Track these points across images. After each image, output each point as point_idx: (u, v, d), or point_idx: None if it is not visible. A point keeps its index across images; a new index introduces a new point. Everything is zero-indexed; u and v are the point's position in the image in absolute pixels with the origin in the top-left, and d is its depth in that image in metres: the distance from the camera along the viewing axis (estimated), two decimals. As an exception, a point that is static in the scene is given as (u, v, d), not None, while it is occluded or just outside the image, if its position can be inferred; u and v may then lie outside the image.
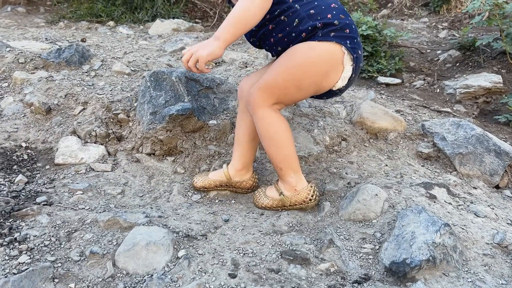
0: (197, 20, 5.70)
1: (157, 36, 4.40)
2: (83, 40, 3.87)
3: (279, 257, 1.37)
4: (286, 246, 1.43)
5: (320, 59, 1.46)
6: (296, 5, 1.49)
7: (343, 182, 1.81)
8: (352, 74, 1.53)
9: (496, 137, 2.10)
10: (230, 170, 1.75)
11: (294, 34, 1.50)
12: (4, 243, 1.31)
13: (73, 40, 3.91)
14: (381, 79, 3.20)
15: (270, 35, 1.55)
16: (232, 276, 1.26)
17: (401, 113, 2.39)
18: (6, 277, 1.18)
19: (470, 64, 3.46)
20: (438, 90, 3.13)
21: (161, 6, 5.15)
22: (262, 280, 1.25)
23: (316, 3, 1.49)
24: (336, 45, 1.46)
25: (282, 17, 1.51)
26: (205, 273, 1.26)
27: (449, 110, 2.73)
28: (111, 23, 5.00)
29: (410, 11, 5.51)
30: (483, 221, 1.51)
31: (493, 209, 1.69)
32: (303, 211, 1.64)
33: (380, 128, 2.18)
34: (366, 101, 2.28)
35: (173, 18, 5.01)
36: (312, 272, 1.31)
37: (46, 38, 3.77)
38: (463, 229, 1.44)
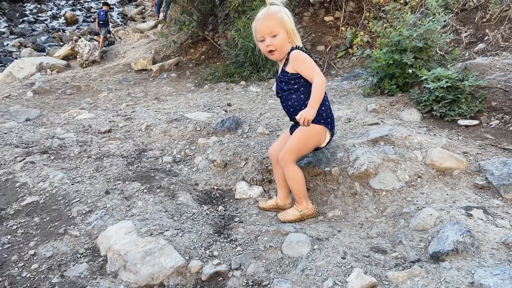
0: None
1: (280, 93, 5.79)
2: (229, 104, 5.47)
3: (369, 250, 2.58)
4: (374, 244, 2.64)
5: (316, 133, 2.93)
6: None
7: (414, 206, 2.95)
8: (329, 140, 3.00)
9: (534, 171, 3.04)
10: (278, 200, 3.18)
11: (303, 108, 2.79)
12: (228, 241, 2.74)
13: (221, 103, 5.53)
14: (461, 122, 4.19)
15: (290, 99, 2.94)
16: (343, 258, 2.51)
17: (466, 154, 3.42)
18: (234, 256, 2.58)
19: (545, 101, 4.21)
20: (511, 128, 4.01)
21: (280, 65, 6.61)
22: (359, 260, 2.48)
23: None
24: (322, 126, 2.92)
25: (302, 95, 2.89)
26: (328, 256, 2.53)
27: (514, 147, 3.63)
28: (243, 82, 6.63)
29: (506, 43, 6.18)
30: (499, 230, 2.54)
31: (517, 222, 2.68)
32: (344, 223, 2.83)
33: (447, 167, 3.25)
34: (436, 148, 3.38)
35: (291, 74, 6.39)
36: (387, 257, 2.50)
37: (204, 105, 5.41)
38: (483, 234, 2.50)
